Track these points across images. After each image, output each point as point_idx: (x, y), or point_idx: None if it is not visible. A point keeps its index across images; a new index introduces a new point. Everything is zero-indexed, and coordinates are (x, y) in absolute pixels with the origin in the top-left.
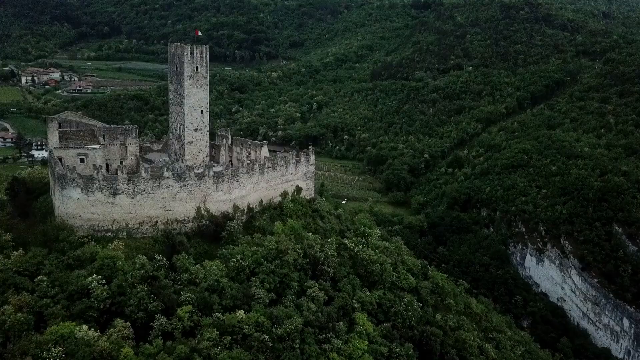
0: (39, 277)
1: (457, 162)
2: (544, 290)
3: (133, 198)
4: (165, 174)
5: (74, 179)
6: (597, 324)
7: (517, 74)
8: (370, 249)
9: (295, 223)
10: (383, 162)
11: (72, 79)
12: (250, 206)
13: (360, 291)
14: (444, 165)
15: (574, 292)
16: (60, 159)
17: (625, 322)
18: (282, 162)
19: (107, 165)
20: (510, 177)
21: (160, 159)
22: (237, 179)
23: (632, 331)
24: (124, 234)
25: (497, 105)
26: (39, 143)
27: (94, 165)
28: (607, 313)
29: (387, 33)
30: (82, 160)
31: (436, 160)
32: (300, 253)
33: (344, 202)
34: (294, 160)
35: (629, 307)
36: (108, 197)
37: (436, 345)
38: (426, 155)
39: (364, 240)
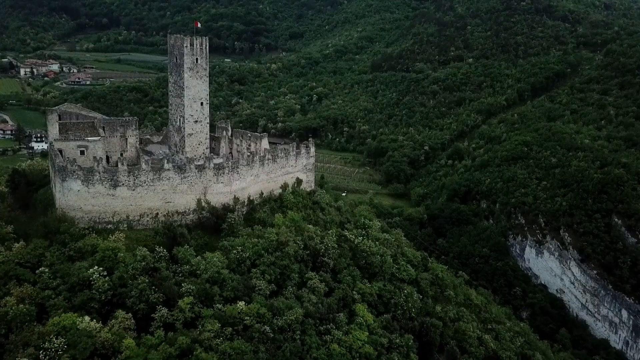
0: (40, 269)
1: (457, 154)
2: (543, 282)
3: (133, 190)
4: (166, 166)
5: (74, 171)
6: (596, 315)
7: (517, 66)
8: (370, 240)
9: (295, 215)
10: (383, 154)
11: (71, 71)
12: (251, 198)
13: (360, 283)
14: (444, 157)
15: (573, 283)
16: (61, 151)
17: (624, 313)
18: (282, 154)
19: (107, 157)
20: (510, 169)
21: (161, 151)
22: (238, 171)
23: (631, 322)
24: (125, 225)
25: (498, 97)
26: (39, 135)
27: (94, 157)
28: (606, 304)
29: (387, 24)
30: (82, 152)
31: (436, 152)
32: (300, 245)
33: (344, 194)
34: (294, 152)
35: (627, 298)
36: (108, 189)
37: (436, 336)
38: (426, 147)
39: (364, 232)
